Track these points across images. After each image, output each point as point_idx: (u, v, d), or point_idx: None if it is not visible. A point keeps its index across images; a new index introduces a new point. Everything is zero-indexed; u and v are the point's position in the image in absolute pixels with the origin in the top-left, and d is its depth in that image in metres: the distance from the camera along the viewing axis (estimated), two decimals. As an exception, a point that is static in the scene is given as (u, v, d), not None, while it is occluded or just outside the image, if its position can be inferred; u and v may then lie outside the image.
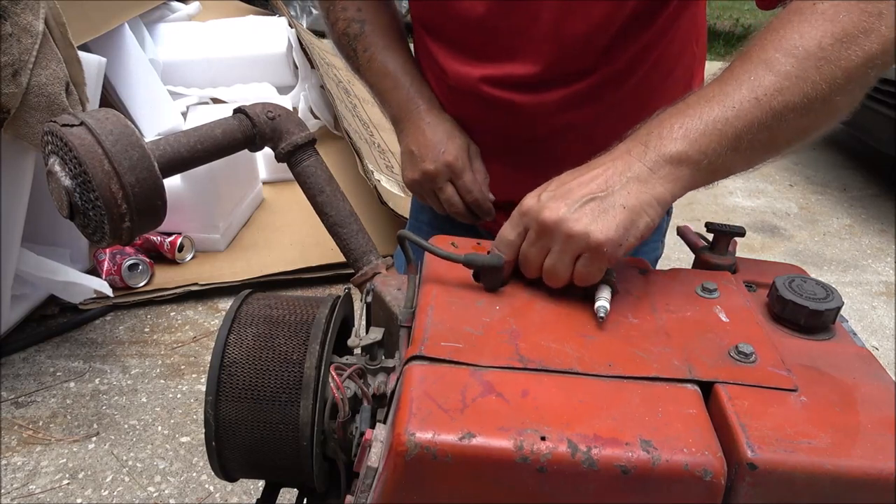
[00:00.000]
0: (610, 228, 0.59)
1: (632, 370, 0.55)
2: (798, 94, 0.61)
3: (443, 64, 0.92)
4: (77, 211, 0.64)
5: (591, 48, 0.84)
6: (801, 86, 0.61)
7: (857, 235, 3.33)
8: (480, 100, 0.90)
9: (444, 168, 0.91)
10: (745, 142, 0.62)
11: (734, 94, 0.62)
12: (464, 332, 0.58)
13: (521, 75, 0.87)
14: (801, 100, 0.61)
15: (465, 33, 0.88)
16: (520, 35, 0.84)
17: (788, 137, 0.64)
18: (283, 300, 0.73)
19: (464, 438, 0.48)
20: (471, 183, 0.92)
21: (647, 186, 0.61)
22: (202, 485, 1.78)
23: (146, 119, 2.79)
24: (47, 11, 1.71)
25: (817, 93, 0.61)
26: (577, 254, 0.61)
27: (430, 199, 0.97)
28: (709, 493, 0.48)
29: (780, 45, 0.62)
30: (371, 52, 0.96)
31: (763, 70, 0.62)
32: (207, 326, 2.37)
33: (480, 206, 0.93)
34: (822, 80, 0.61)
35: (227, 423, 0.66)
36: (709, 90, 0.64)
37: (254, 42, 3.45)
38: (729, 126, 0.61)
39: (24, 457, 1.82)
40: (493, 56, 0.88)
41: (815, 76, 0.61)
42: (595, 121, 0.92)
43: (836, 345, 0.62)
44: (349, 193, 0.84)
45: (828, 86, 0.61)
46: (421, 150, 0.92)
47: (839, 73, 0.61)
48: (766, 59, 0.62)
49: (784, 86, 0.61)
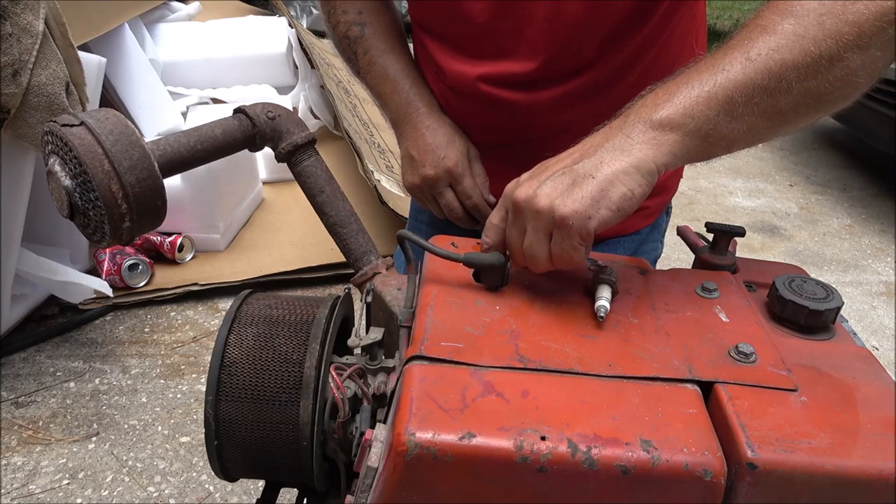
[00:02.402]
0: (576, 201, 0.56)
1: (632, 370, 0.55)
2: (798, 51, 0.56)
3: (441, 63, 0.92)
4: (77, 211, 0.64)
5: (585, 47, 0.84)
6: (800, 43, 0.56)
7: (857, 235, 3.33)
8: (478, 99, 0.90)
9: (444, 174, 0.91)
10: (739, 106, 0.57)
11: (724, 58, 0.59)
12: (464, 332, 0.58)
13: (517, 73, 0.87)
14: (803, 58, 0.56)
15: (462, 32, 0.88)
16: (516, 34, 0.85)
17: (795, 103, 0.58)
18: (283, 300, 0.73)
19: (464, 438, 0.48)
20: (470, 188, 0.92)
21: (623, 154, 0.58)
22: (202, 485, 1.78)
23: (146, 119, 2.79)
24: (47, 11, 1.71)
25: (821, 50, 0.56)
26: (548, 231, 0.58)
27: (430, 204, 0.97)
28: (709, 493, 0.48)
29: (776, 8, 0.59)
30: (371, 56, 0.96)
31: (757, 32, 0.58)
32: (207, 326, 2.37)
33: (480, 211, 0.93)
34: (827, 35, 0.56)
35: (227, 423, 0.66)
36: (700, 62, 0.61)
37: (254, 42, 3.45)
38: (718, 88, 0.57)
39: (24, 457, 1.82)
40: (490, 54, 0.88)
41: (817, 32, 0.56)
42: (592, 120, 0.91)
43: (836, 345, 0.62)
44: (349, 193, 0.84)
45: (834, 42, 0.56)
46: (421, 154, 0.92)
47: (846, 27, 0.56)
48: (761, 23, 0.59)
49: (781, 44, 0.57)
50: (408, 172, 0.95)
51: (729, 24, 7.87)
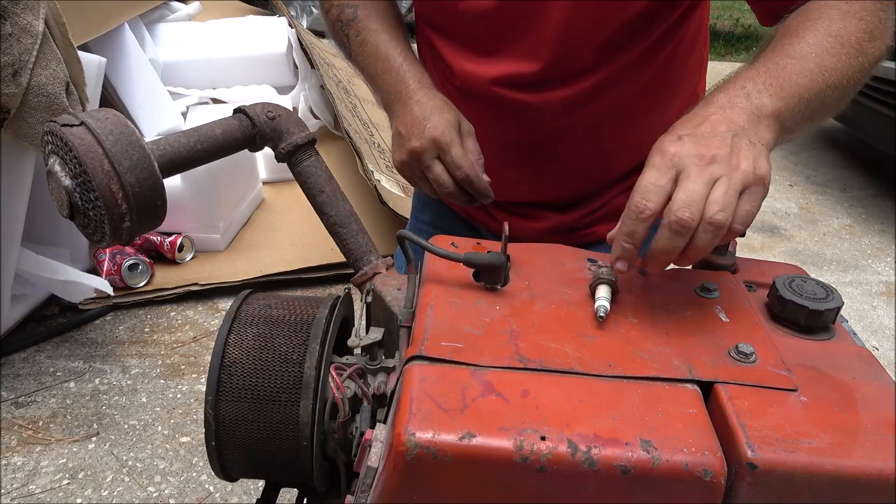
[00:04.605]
0: (766, 162, 0.59)
1: (632, 370, 0.55)
2: (843, 75, 0.69)
3: (450, 62, 0.91)
4: (77, 211, 0.64)
5: (599, 48, 0.84)
6: (846, 70, 0.69)
7: (857, 235, 3.33)
8: (487, 100, 0.90)
9: (430, 143, 0.82)
10: (809, 109, 0.67)
11: (805, 65, 0.67)
12: (464, 332, 0.58)
13: (527, 73, 0.86)
14: (843, 81, 0.69)
15: (472, 30, 0.88)
16: (527, 32, 0.84)
17: (825, 112, 0.71)
18: (283, 300, 0.73)
19: (464, 438, 0.48)
20: (459, 158, 0.82)
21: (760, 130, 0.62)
22: (202, 485, 1.78)
23: (146, 119, 2.79)
24: (47, 11, 1.71)
25: (848, 79, 0.69)
26: (743, 187, 0.58)
27: (421, 182, 0.89)
28: (709, 493, 0.48)
29: (830, 32, 0.70)
30: (363, 37, 0.92)
31: (823, 51, 0.69)
32: (207, 326, 2.37)
33: (473, 183, 0.83)
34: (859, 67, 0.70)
35: (227, 423, 0.66)
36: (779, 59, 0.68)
37: (254, 42, 3.44)
38: (805, 91, 0.66)
39: (24, 457, 1.82)
40: (499, 53, 0.87)
41: (857, 63, 0.69)
42: (601, 121, 0.91)
43: (836, 345, 0.62)
44: (349, 193, 0.84)
45: (860, 72, 0.70)
46: (408, 128, 0.84)
47: (865, 63, 0.70)
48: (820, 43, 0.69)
49: (837, 66, 0.68)
50: (395, 150, 0.88)
51: (729, 24, 7.86)
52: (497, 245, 0.67)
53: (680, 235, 0.56)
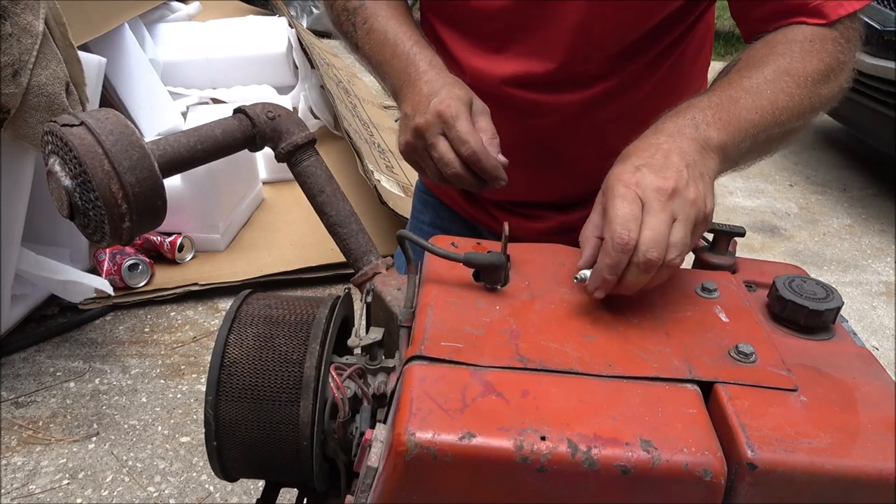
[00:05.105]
0: (712, 198, 0.63)
1: (632, 370, 0.55)
2: (794, 115, 0.72)
3: (459, 57, 0.90)
4: (77, 211, 0.64)
5: (617, 53, 0.84)
6: (797, 109, 0.72)
7: (857, 235, 3.33)
8: (496, 98, 0.89)
9: (435, 118, 0.74)
10: (755, 143, 0.69)
11: (757, 101, 0.70)
12: (464, 332, 0.58)
13: (539, 73, 0.86)
14: (792, 120, 0.72)
15: (483, 27, 0.87)
16: (540, 31, 0.84)
17: (771, 147, 0.75)
18: (283, 300, 0.73)
19: (464, 438, 0.48)
20: (465, 132, 0.72)
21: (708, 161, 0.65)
22: (202, 485, 1.78)
23: (146, 119, 2.79)
24: (47, 11, 1.71)
25: (797, 117, 0.73)
26: (695, 225, 0.61)
27: (426, 166, 0.79)
28: (709, 493, 0.48)
29: (789, 70, 0.73)
30: (370, 24, 0.87)
31: (778, 89, 0.71)
32: (207, 326, 2.37)
33: (480, 161, 0.73)
34: (810, 106, 0.73)
35: (227, 423, 0.66)
36: (733, 91, 0.70)
37: (254, 42, 3.44)
38: (753, 127, 0.68)
39: (24, 457, 1.82)
40: (512, 51, 0.86)
41: (808, 103, 0.72)
42: (608, 123, 0.91)
43: (836, 345, 0.62)
44: (349, 193, 0.84)
45: (810, 111, 0.74)
46: (414, 107, 0.77)
47: (817, 104, 0.74)
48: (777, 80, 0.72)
49: (789, 105, 0.71)
50: (401, 132, 0.80)
51: (729, 24, 7.86)
52: (497, 245, 0.67)
53: (647, 273, 0.59)
